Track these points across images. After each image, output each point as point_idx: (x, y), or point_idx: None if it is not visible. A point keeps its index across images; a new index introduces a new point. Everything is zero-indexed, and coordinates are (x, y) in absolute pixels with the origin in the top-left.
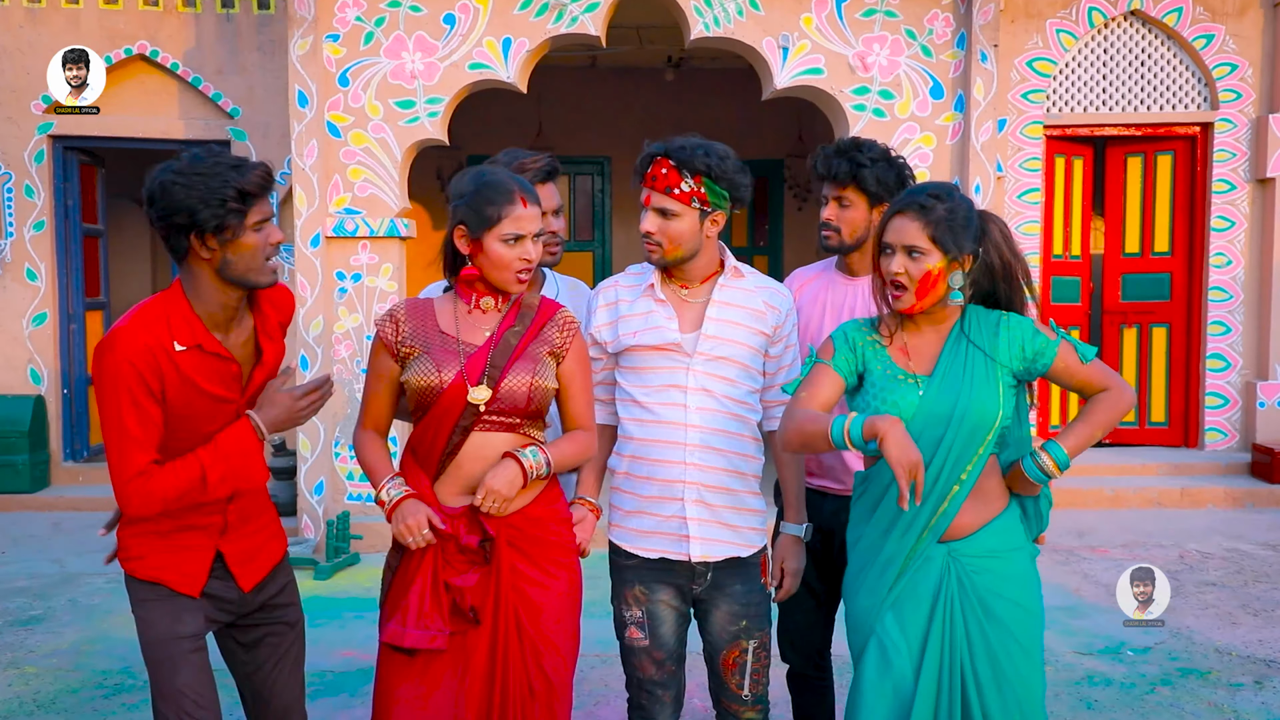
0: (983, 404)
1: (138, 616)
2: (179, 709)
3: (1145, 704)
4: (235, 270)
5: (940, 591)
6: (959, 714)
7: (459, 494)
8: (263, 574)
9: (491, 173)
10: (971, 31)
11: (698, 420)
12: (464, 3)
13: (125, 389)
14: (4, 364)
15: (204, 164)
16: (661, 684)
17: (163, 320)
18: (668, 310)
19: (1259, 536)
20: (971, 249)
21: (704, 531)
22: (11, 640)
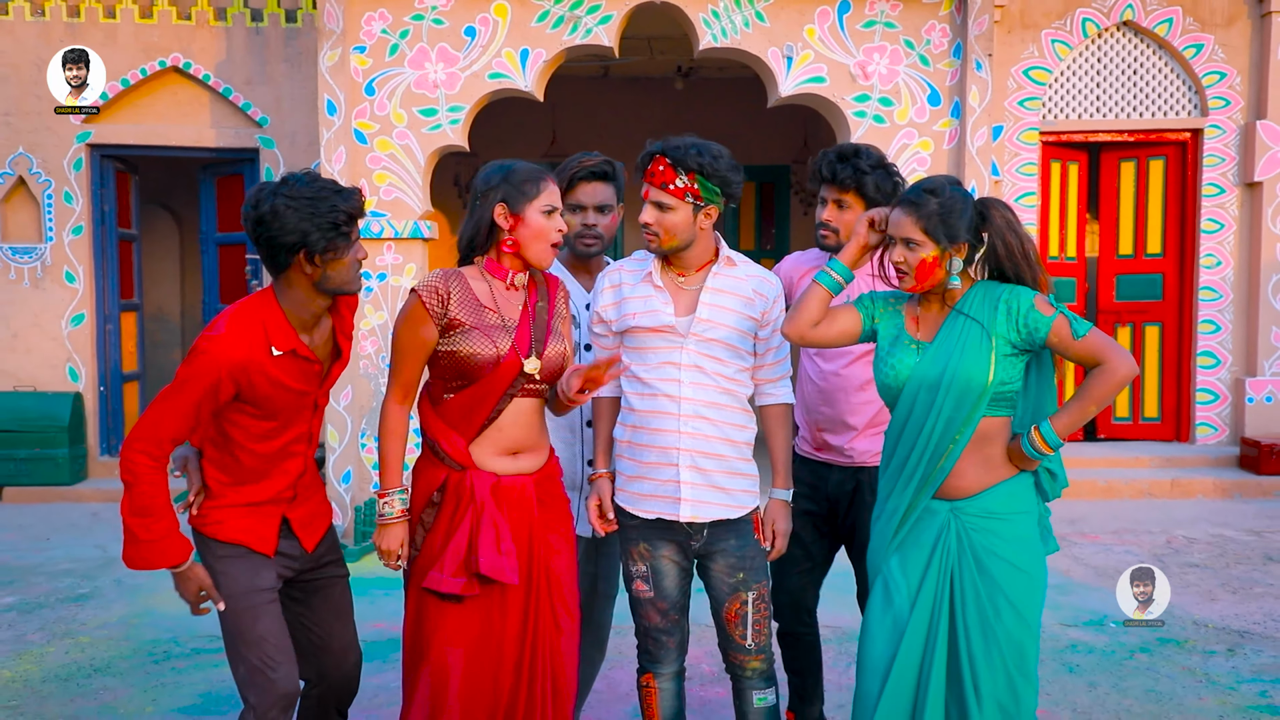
0: (969, 371)
1: (218, 572)
2: (262, 652)
3: (1123, 668)
4: (333, 283)
5: (939, 543)
6: (944, 654)
7: (495, 455)
8: (319, 536)
9: (517, 161)
10: (967, 42)
11: (691, 394)
12: (484, 15)
13: (198, 390)
14: (44, 362)
15: (310, 188)
16: (666, 631)
17: (260, 328)
18: (664, 296)
19: (1244, 524)
20: (966, 238)
21: (695, 494)
22: (64, 614)
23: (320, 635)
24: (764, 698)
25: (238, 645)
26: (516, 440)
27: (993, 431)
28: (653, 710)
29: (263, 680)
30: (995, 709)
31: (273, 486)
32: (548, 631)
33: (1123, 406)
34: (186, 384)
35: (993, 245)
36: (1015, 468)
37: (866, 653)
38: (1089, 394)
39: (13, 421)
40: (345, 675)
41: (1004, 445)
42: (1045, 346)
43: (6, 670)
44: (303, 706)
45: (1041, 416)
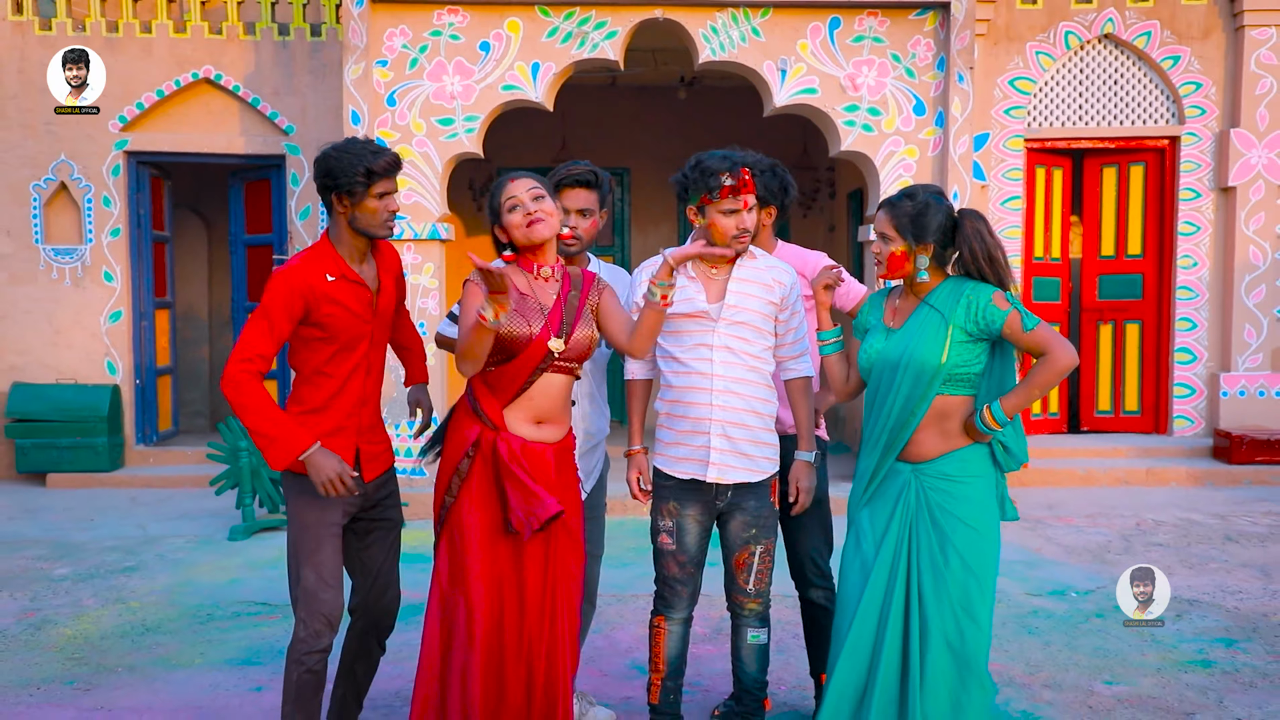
0: (924, 354)
1: (294, 506)
2: (318, 575)
3: (1078, 630)
4: (360, 224)
5: (900, 499)
6: (902, 594)
7: (524, 421)
8: (379, 472)
9: (504, 180)
10: (950, 56)
11: (722, 371)
12: (497, 31)
13: (274, 307)
14: (84, 357)
15: (353, 145)
16: (681, 581)
17: (317, 260)
18: (697, 285)
19: (1211, 509)
20: (934, 239)
21: (723, 459)
22: (114, 584)
23: (371, 570)
24: (757, 635)
25: (299, 565)
26: (543, 410)
27: (950, 408)
28: (660, 648)
29: (311, 597)
30: (942, 644)
31: (339, 412)
32: (565, 576)
33: (1105, 400)
34: (267, 306)
35: (961, 249)
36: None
37: (840, 591)
38: (1034, 380)
39: (55, 412)
40: (386, 609)
41: (961, 419)
42: (1003, 337)
43: (68, 629)
44: (347, 637)
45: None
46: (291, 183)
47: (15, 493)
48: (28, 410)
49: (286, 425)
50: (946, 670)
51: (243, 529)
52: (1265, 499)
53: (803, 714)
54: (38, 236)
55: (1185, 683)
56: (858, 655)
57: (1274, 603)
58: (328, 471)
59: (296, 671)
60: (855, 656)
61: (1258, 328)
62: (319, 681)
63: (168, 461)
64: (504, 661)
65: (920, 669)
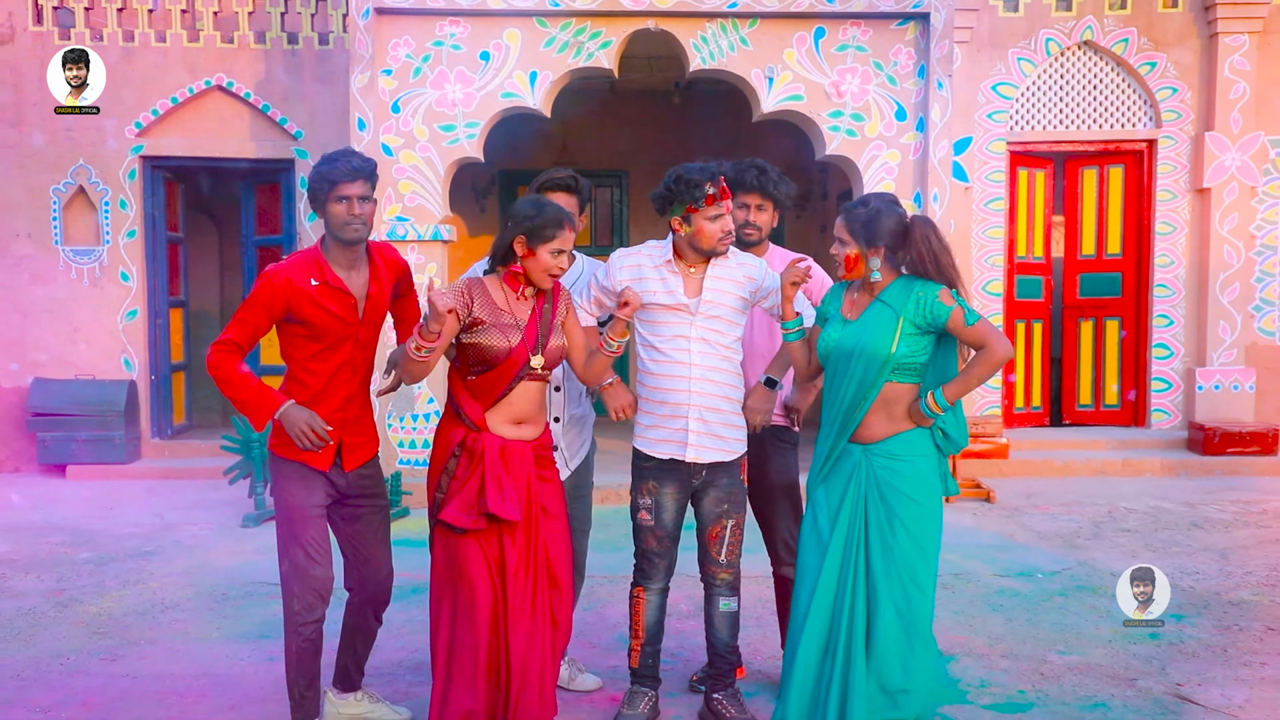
0: (876, 344)
1: (280, 489)
2: (305, 551)
3: (1040, 607)
4: (329, 228)
5: (853, 477)
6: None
7: (505, 423)
8: (361, 462)
9: (549, 203)
10: (930, 64)
11: (699, 360)
12: (497, 41)
13: (256, 301)
14: (102, 354)
15: (328, 156)
16: (659, 554)
17: (304, 265)
18: (678, 280)
19: (1181, 498)
20: (885, 243)
21: (699, 441)
22: (134, 566)
23: (363, 552)
24: (728, 604)
25: (287, 544)
26: (521, 413)
27: (897, 394)
28: (639, 616)
29: (303, 573)
30: (891, 608)
31: (325, 408)
32: (546, 547)
33: (1086, 394)
34: (250, 300)
35: (910, 252)
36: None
37: (799, 561)
38: (972, 371)
39: (74, 406)
40: (380, 585)
41: (907, 405)
42: (947, 331)
43: (93, 606)
44: (346, 613)
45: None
46: (300, 186)
47: (37, 483)
48: (48, 404)
49: (261, 390)
50: (895, 633)
51: (255, 516)
52: (1234, 488)
53: (775, 682)
54: (57, 238)
55: (1132, 653)
56: (818, 621)
57: (1228, 583)
58: (300, 425)
59: (295, 642)
60: (816, 623)
61: (1232, 324)
62: (316, 649)
63: (182, 454)
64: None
65: (872, 632)
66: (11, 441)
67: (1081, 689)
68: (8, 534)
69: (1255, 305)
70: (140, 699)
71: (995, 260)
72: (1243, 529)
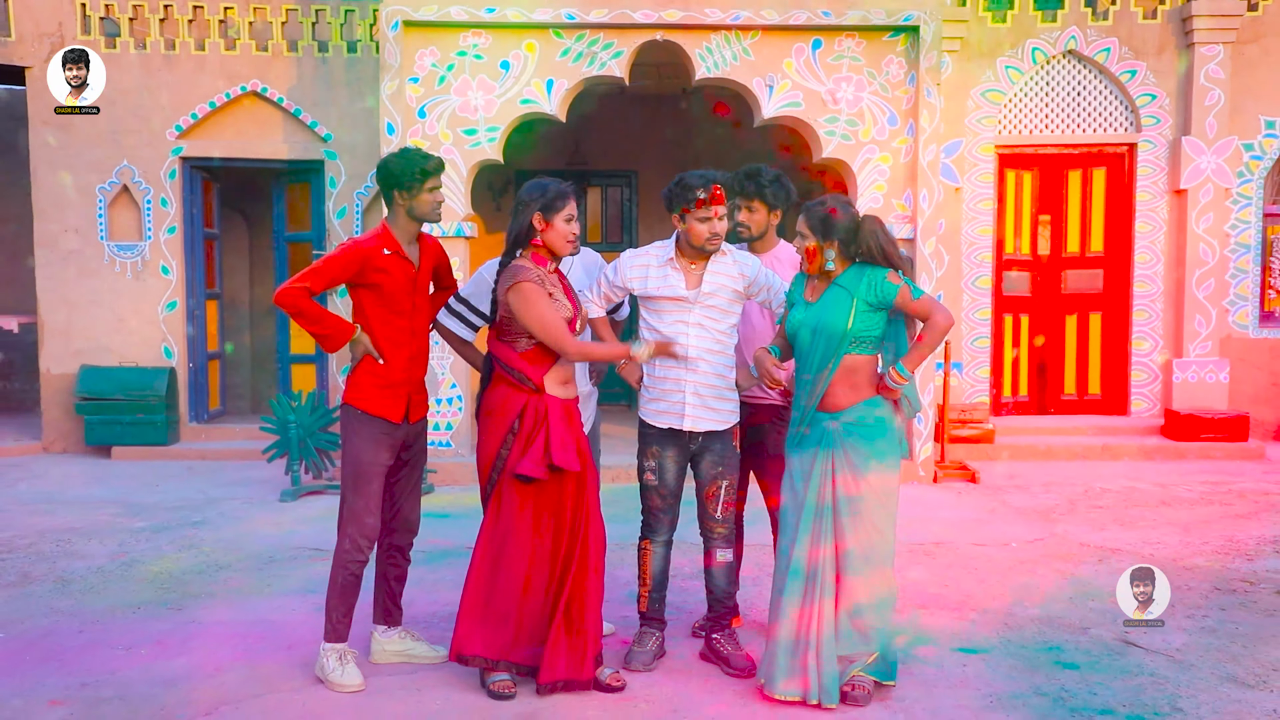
0: (833, 321)
1: (350, 443)
2: (365, 501)
3: (1010, 570)
4: (416, 212)
5: (822, 441)
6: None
7: (557, 385)
8: (423, 414)
9: (552, 180)
10: (920, 73)
11: (695, 344)
12: (516, 52)
13: (336, 261)
14: (143, 343)
15: (408, 153)
16: (663, 510)
17: (379, 238)
18: (679, 275)
19: (1155, 479)
20: (839, 237)
21: (695, 412)
22: (185, 534)
23: (397, 498)
24: (724, 555)
25: (351, 493)
26: (567, 375)
27: (858, 365)
28: (646, 566)
29: (358, 519)
30: (859, 554)
31: (398, 368)
32: (589, 514)
33: (1070, 384)
34: (331, 259)
35: (861, 245)
36: (875, 390)
37: (782, 517)
38: (925, 341)
39: (119, 391)
40: (408, 530)
41: (867, 375)
42: (896, 306)
43: (153, 567)
44: (378, 554)
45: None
46: (329, 185)
47: (85, 463)
48: (94, 390)
49: (338, 319)
50: (865, 575)
51: (292, 492)
52: (1204, 471)
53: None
54: (102, 234)
55: (1090, 608)
56: (798, 566)
57: (1185, 551)
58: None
59: (341, 575)
60: (797, 568)
61: (1207, 318)
62: (357, 583)
63: (218, 437)
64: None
65: (843, 575)
66: (60, 424)
67: (1040, 636)
68: (68, 506)
69: (1229, 300)
70: (207, 639)
71: (984, 257)
72: (1207, 506)
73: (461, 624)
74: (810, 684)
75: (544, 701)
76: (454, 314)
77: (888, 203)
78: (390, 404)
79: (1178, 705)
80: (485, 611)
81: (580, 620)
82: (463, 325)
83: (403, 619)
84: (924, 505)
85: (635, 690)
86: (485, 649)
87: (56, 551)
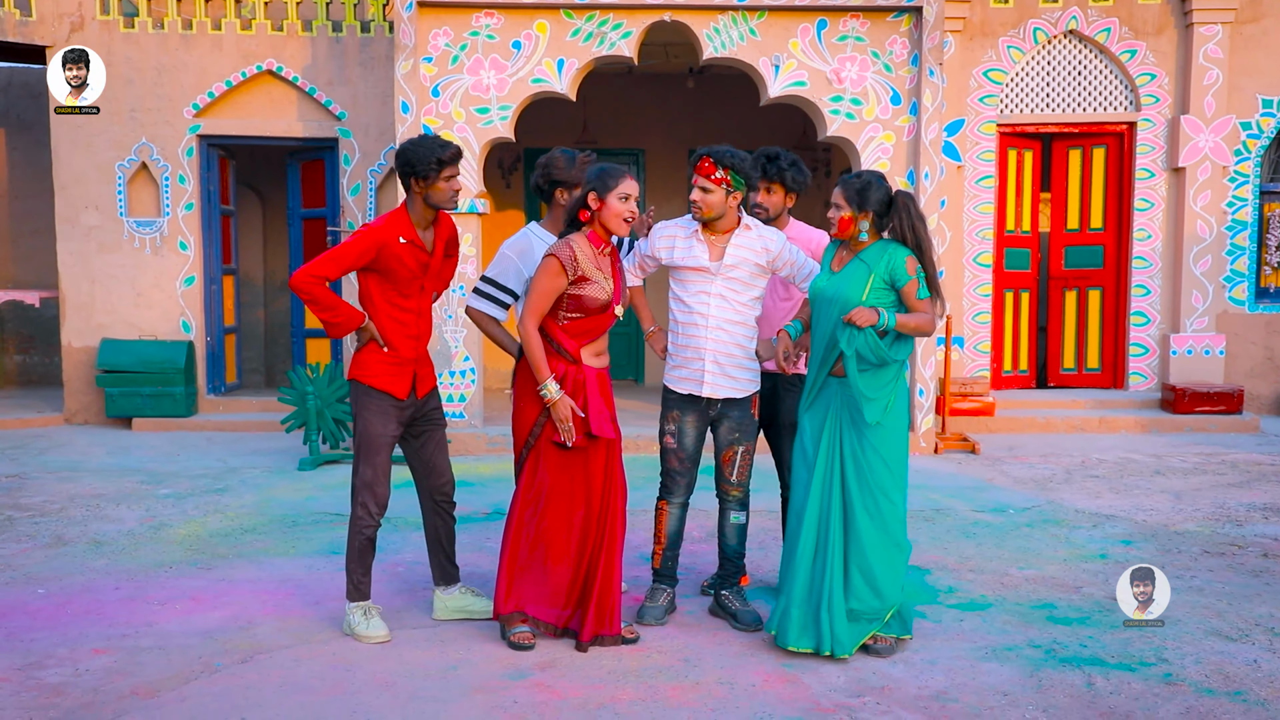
0: (848, 292)
1: (361, 417)
2: (374, 470)
3: (1008, 536)
4: (432, 200)
5: (832, 405)
6: (837, 480)
7: (592, 356)
8: (430, 389)
9: (606, 162)
10: (922, 53)
11: (716, 313)
12: (528, 32)
13: (352, 249)
14: (163, 316)
15: (425, 141)
16: (680, 473)
17: (395, 224)
18: (703, 247)
19: (1150, 450)
20: (873, 209)
21: (714, 379)
22: (208, 500)
23: (431, 465)
24: (737, 517)
25: (362, 463)
26: (602, 348)
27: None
28: (662, 525)
29: (370, 487)
30: (866, 515)
31: (403, 346)
32: (618, 467)
33: (1070, 358)
34: (347, 246)
35: (894, 219)
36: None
37: (793, 478)
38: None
39: (139, 364)
40: (442, 488)
41: None
42: (901, 293)
43: (182, 530)
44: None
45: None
46: (343, 163)
47: (107, 434)
48: (115, 363)
49: (350, 307)
50: (872, 536)
51: (310, 461)
52: (1199, 443)
53: (774, 589)
54: (122, 210)
55: (1082, 569)
56: (809, 526)
57: (1177, 517)
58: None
59: (358, 540)
60: (808, 527)
61: (1204, 294)
62: (371, 545)
63: (235, 409)
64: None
65: (852, 536)
66: (81, 396)
67: (1034, 595)
68: (94, 474)
69: (1226, 276)
70: (238, 595)
71: (985, 234)
72: (1200, 475)
73: (501, 584)
74: (823, 635)
75: (562, 652)
76: (483, 295)
77: (890, 181)
78: (395, 380)
79: (1163, 656)
80: (523, 571)
81: (609, 578)
82: (493, 305)
83: (459, 575)
84: (925, 475)
85: (648, 642)
86: (521, 606)
87: (87, 515)
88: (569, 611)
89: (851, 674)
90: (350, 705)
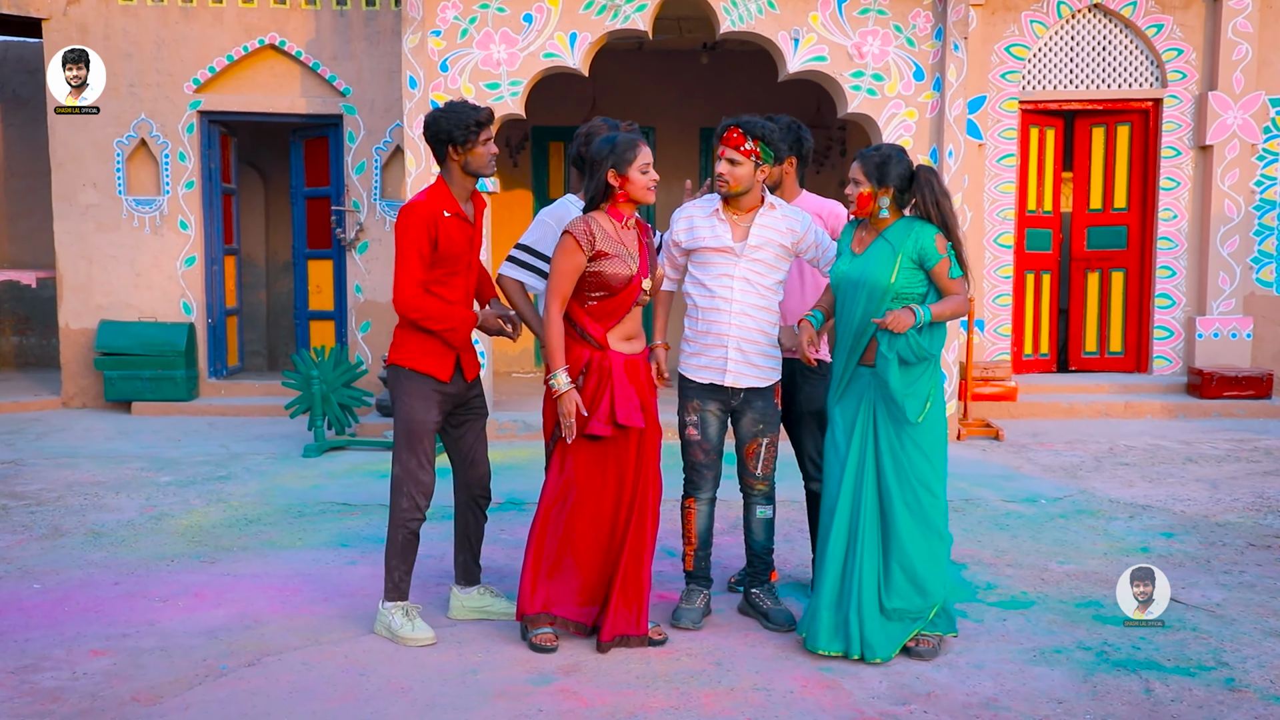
0: (876, 275)
1: (402, 403)
2: (418, 459)
3: (1043, 527)
4: (472, 167)
5: (864, 395)
6: (872, 473)
7: (620, 340)
8: (477, 372)
9: (619, 134)
10: (947, 26)
11: (740, 297)
12: (539, 4)
13: (414, 238)
14: (162, 298)
15: (456, 106)
16: (706, 466)
17: (438, 199)
18: (725, 227)
19: (1179, 436)
20: (894, 184)
21: (737, 368)
22: (212, 488)
23: (470, 456)
24: (764, 511)
25: (405, 452)
26: (631, 330)
27: None
28: (691, 525)
29: (414, 477)
30: (905, 510)
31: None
32: (651, 459)
33: (1091, 341)
34: (406, 240)
35: (916, 195)
36: None
37: (825, 473)
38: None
39: (139, 347)
40: (479, 481)
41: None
42: (932, 273)
43: (184, 520)
44: (457, 513)
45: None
46: (348, 140)
47: (106, 418)
48: (114, 345)
49: (458, 313)
50: (912, 532)
51: (315, 447)
52: (1229, 428)
53: (804, 584)
54: (120, 188)
55: (1125, 564)
56: (842, 522)
57: (1216, 507)
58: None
59: (401, 534)
60: (841, 523)
61: (1231, 275)
62: (415, 541)
63: (237, 393)
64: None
65: (891, 532)
66: (79, 379)
67: (1078, 591)
68: (92, 460)
69: (1254, 257)
70: (243, 591)
71: (1007, 214)
72: (1234, 463)
73: (526, 583)
74: (853, 639)
75: (586, 654)
76: (518, 263)
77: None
78: (437, 362)
79: (1222, 659)
80: (550, 569)
81: (637, 576)
82: (529, 273)
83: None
84: (950, 463)
85: (677, 644)
86: (548, 606)
87: (85, 505)
88: (598, 609)
89: (894, 679)
90: (365, 713)
